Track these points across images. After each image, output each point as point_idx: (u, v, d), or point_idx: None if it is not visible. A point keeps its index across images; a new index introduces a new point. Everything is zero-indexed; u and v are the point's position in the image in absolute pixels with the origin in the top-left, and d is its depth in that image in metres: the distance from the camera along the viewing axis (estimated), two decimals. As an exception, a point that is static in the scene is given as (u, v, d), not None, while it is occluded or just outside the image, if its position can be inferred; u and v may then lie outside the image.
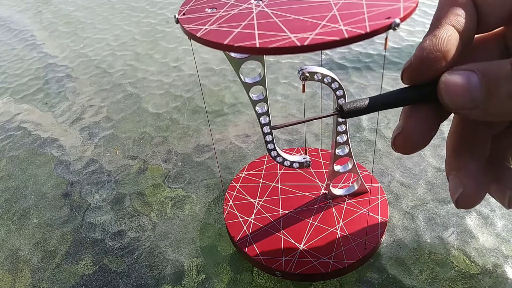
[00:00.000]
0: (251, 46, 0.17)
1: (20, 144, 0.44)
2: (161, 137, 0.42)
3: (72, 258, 0.30)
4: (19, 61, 0.63)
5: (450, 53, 0.19)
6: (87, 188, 0.37)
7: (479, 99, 0.17)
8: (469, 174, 0.21)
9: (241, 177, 0.33)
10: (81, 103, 0.49)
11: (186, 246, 0.30)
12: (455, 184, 0.21)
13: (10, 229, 0.34)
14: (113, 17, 0.74)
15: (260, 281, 0.27)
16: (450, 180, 0.22)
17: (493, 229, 0.29)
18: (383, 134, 0.39)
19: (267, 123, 0.27)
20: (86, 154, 0.41)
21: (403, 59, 0.50)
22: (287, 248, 0.27)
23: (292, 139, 0.39)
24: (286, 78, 0.49)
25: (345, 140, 0.27)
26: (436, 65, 0.19)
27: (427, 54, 0.19)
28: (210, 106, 0.46)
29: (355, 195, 0.30)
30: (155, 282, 0.28)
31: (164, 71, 0.54)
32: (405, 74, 0.20)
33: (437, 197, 0.32)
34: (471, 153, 0.21)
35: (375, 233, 0.28)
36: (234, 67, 0.24)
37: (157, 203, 0.34)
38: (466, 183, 0.21)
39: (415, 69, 0.19)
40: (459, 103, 0.18)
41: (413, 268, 0.27)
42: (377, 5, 0.19)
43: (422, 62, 0.19)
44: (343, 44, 0.17)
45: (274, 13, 0.20)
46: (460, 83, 0.18)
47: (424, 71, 0.19)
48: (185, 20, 0.21)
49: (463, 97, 0.18)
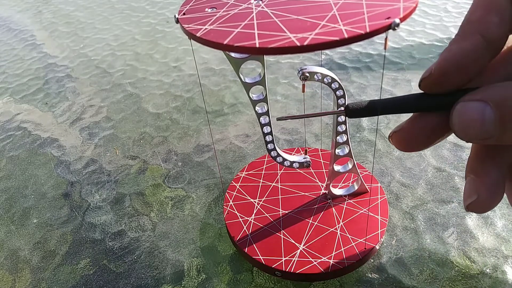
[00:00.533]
0: (251, 46, 0.17)
1: (20, 144, 0.44)
2: (161, 137, 0.42)
3: (72, 258, 0.30)
4: (19, 61, 0.63)
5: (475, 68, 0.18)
6: (87, 188, 0.37)
7: (493, 132, 0.17)
8: (486, 183, 0.20)
9: (241, 177, 0.33)
10: (81, 103, 0.49)
11: (186, 246, 0.30)
12: (470, 189, 0.20)
13: (10, 229, 0.34)
14: (113, 17, 0.74)
15: (260, 281, 0.27)
16: (467, 183, 0.21)
17: (493, 229, 0.29)
18: (383, 134, 0.39)
19: (267, 123, 0.27)
20: (86, 154, 0.41)
21: (403, 59, 0.50)
22: (287, 248, 0.27)
23: (292, 139, 0.39)
24: (286, 78, 0.49)
25: (345, 140, 0.27)
26: (458, 79, 0.18)
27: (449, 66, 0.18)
28: (210, 106, 0.46)
29: (355, 195, 0.30)
30: (155, 282, 0.28)
31: (164, 71, 0.54)
32: (424, 83, 0.19)
33: (437, 197, 0.32)
34: (494, 159, 0.20)
35: (375, 233, 0.28)
36: (234, 67, 0.24)
37: (157, 203, 0.34)
38: (482, 191, 0.20)
39: (435, 80, 0.18)
40: (472, 137, 0.18)
41: (413, 268, 0.27)
42: (377, 5, 0.19)
43: (444, 74, 0.18)
44: (343, 44, 0.17)
45: (274, 13, 0.20)
46: (473, 118, 0.17)
47: (444, 83, 0.18)
48: (185, 20, 0.21)
49: (476, 132, 0.17)
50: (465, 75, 0.18)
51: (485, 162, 0.20)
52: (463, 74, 0.18)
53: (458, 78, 0.18)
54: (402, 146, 0.21)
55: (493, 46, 0.18)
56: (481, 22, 0.18)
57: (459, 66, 0.18)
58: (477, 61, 0.18)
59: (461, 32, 0.18)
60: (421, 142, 0.20)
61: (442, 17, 0.59)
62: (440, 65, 0.18)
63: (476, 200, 0.20)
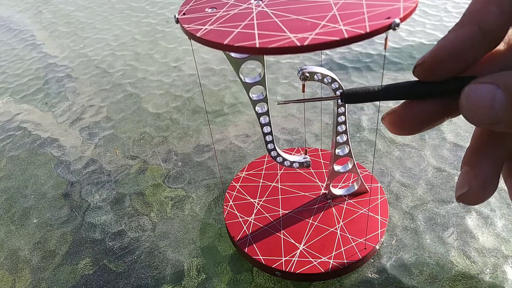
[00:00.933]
0: (251, 46, 0.17)
1: (20, 144, 0.44)
2: (161, 137, 0.42)
3: (72, 258, 0.30)
4: (19, 61, 0.63)
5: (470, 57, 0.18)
6: (87, 188, 0.37)
7: (503, 116, 0.16)
8: (479, 175, 0.20)
9: (241, 177, 0.33)
10: (81, 103, 0.49)
11: (186, 246, 0.30)
12: (462, 180, 0.20)
13: (10, 229, 0.34)
14: (113, 17, 0.74)
15: (260, 281, 0.27)
16: (460, 175, 0.21)
17: (493, 229, 0.29)
18: (383, 134, 0.39)
19: (267, 123, 0.27)
20: (86, 154, 0.41)
21: (403, 59, 0.50)
22: (287, 248, 0.27)
23: (292, 139, 0.39)
24: (286, 78, 0.49)
25: (345, 140, 0.27)
26: (452, 67, 0.18)
27: (442, 54, 0.18)
28: (210, 106, 0.46)
29: (355, 195, 0.30)
30: (155, 282, 0.28)
31: (164, 71, 0.54)
32: (417, 70, 0.19)
33: (437, 197, 0.32)
34: (491, 151, 0.20)
35: (375, 233, 0.28)
36: (234, 67, 0.24)
37: (157, 203, 0.34)
38: (473, 183, 0.20)
39: (429, 68, 0.18)
40: (481, 120, 0.17)
41: (413, 268, 0.27)
42: (377, 5, 0.19)
43: (436, 62, 0.18)
44: (343, 44, 0.17)
45: (274, 13, 0.20)
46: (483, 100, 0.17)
47: (438, 71, 0.18)
48: (185, 20, 0.21)
49: (485, 115, 0.17)
50: (459, 63, 0.18)
51: (481, 155, 0.20)
52: (458, 62, 0.18)
53: (452, 65, 0.18)
54: (393, 129, 0.21)
55: (490, 37, 0.18)
56: (480, 12, 0.18)
57: (454, 54, 0.18)
58: (472, 50, 0.18)
59: (460, 21, 0.18)
60: (413, 127, 0.20)
61: (442, 17, 0.59)
62: (434, 53, 0.18)
63: (467, 192, 0.20)
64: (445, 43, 0.18)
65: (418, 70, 0.19)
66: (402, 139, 0.38)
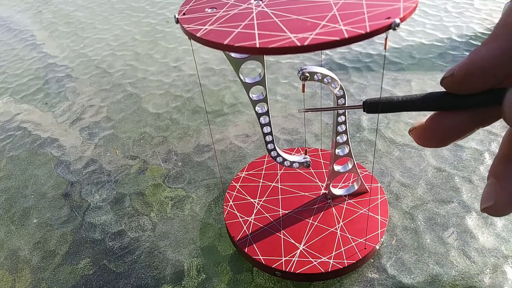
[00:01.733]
0: (251, 46, 0.17)
1: (20, 144, 0.44)
2: (161, 137, 0.42)
3: (72, 258, 0.30)
4: (19, 61, 0.63)
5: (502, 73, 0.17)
6: (87, 188, 0.37)
7: None
8: (506, 188, 0.19)
9: (241, 177, 0.33)
10: (81, 103, 0.49)
11: (186, 246, 0.30)
12: (489, 193, 0.19)
13: (10, 229, 0.34)
14: (113, 17, 0.74)
15: (260, 281, 0.27)
16: (487, 186, 0.20)
17: (493, 229, 0.29)
18: (383, 134, 0.39)
19: (267, 123, 0.27)
20: (86, 154, 0.41)
21: (403, 59, 0.50)
22: (287, 248, 0.27)
23: (292, 139, 0.39)
24: (286, 78, 0.49)
25: (345, 140, 0.27)
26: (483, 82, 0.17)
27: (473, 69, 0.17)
28: (210, 106, 0.46)
29: (355, 195, 0.30)
30: (155, 282, 0.28)
31: (164, 71, 0.54)
32: (446, 82, 0.18)
33: (437, 197, 0.32)
34: None
35: (375, 233, 0.28)
36: (234, 67, 0.24)
37: (157, 203, 0.34)
38: (499, 197, 0.19)
39: (458, 82, 0.17)
40: None
41: (413, 268, 0.27)
42: (377, 5, 0.19)
43: (467, 76, 0.17)
44: (343, 44, 0.17)
45: (274, 13, 0.20)
46: None
47: (468, 85, 0.17)
48: (185, 20, 0.21)
49: None
50: (491, 79, 0.17)
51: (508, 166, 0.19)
52: (489, 78, 0.17)
53: (483, 81, 0.17)
54: (422, 142, 0.20)
55: None
56: None
57: (485, 70, 0.17)
58: (505, 66, 0.17)
59: (493, 33, 0.17)
60: (444, 140, 0.20)
61: (442, 17, 0.59)
62: (464, 67, 0.17)
63: (492, 205, 0.19)
64: (476, 58, 0.17)
65: (447, 82, 0.18)
66: (402, 139, 0.38)
